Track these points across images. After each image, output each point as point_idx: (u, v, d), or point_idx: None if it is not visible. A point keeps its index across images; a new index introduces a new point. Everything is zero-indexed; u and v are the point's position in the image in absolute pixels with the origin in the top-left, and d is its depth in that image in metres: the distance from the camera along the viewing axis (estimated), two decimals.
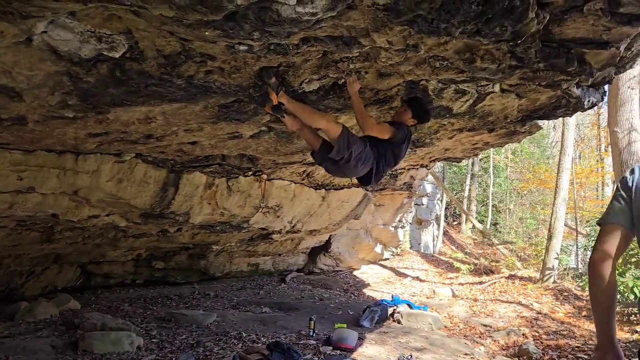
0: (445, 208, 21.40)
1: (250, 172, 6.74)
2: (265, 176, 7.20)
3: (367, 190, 10.05)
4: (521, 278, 12.50)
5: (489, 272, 14.02)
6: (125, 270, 9.02)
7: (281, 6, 2.13)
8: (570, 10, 2.72)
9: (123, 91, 3.01)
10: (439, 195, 19.32)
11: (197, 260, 9.75)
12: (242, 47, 2.66)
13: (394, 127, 3.53)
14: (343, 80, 3.50)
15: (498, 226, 22.64)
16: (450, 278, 13.53)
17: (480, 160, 22.87)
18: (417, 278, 13.41)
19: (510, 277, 12.71)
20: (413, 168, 9.82)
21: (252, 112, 3.80)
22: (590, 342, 6.80)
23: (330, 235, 12.13)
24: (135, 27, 2.44)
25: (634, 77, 12.48)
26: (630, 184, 1.65)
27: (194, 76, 2.94)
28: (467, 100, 4.40)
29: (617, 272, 7.49)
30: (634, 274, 8.13)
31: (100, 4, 2.14)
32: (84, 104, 3.16)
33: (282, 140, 4.99)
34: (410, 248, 17.27)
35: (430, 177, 16.56)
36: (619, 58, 3.70)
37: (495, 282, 12.08)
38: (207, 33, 2.35)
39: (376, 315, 7.64)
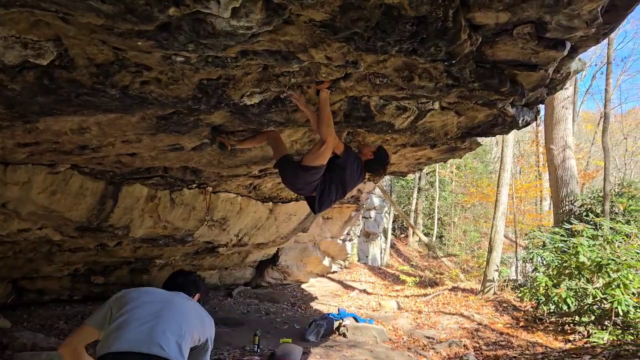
0: (393, 221, 21.76)
1: (195, 185, 6.60)
2: (210, 189, 7.08)
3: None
4: (463, 290, 12.84)
5: (433, 284, 14.32)
6: (62, 285, 8.58)
7: (215, 19, 2.10)
8: (501, 34, 2.84)
9: (52, 100, 2.87)
10: (386, 209, 19.62)
11: (139, 275, 9.41)
12: (178, 59, 2.61)
13: (344, 148, 3.50)
14: (285, 95, 3.50)
15: (443, 239, 23.24)
16: (397, 290, 13.72)
17: (426, 174, 23.47)
18: (364, 291, 13.51)
19: (454, 289, 13.02)
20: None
21: (192, 124, 3.73)
22: (527, 352, 7.04)
23: (278, 249, 12.05)
24: (64, 34, 2.34)
25: (568, 97, 13.21)
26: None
27: (128, 86, 2.84)
28: (409, 117, 4.49)
29: (551, 283, 7.81)
30: (567, 285, 8.50)
31: (24, 8, 2.05)
32: (10, 113, 3.00)
33: (225, 153, 4.92)
34: (358, 261, 17.40)
35: (377, 190, 16.80)
36: (548, 80, 3.89)
37: (439, 294, 12.33)
38: (139, 43, 2.29)
39: (322, 329, 7.62)
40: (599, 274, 8.19)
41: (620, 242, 8.75)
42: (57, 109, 3.04)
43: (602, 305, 8.04)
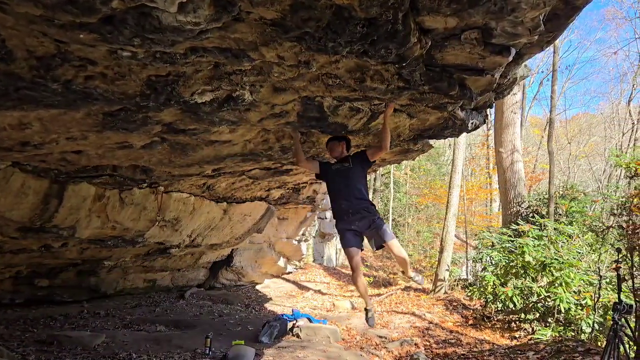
0: None
1: (146, 184, 6.43)
2: (162, 188, 6.91)
3: (271, 205, 10.02)
4: (416, 289, 13.08)
5: (387, 284, 14.53)
6: (3, 289, 8.16)
7: (162, 13, 2.05)
8: (449, 38, 2.91)
9: None
10: None
11: (86, 277, 9.08)
12: (125, 53, 2.53)
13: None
14: (237, 93, 3.46)
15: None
16: (351, 291, 13.80)
17: (382, 175, 23.77)
18: (319, 291, 13.53)
19: (406, 288, 13.25)
20: (315, 182, 9.95)
21: (141, 121, 3.63)
22: (475, 349, 7.24)
23: (233, 250, 11.91)
24: (1, 24, 2.23)
25: (516, 102, 13.69)
26: None
27: (71, 81, 2.73)
28: (362, 118, 4.53)
29: (499, 282, 8.02)
30: (513, 284, 8.80)
31: None
32: None
33: (176, 152, 4.81)
34: (314, 261, 17.43)
35: None
36: (496, 84, 4.01)
37: (392, 294, 12.51)
38: (82, 36, 2.20)
39: (275, 330, 7.58)
40: (543, 273, 8.52)
41: (563, 242, 9.14)
42: None
43: (546, 302, 8.37)
